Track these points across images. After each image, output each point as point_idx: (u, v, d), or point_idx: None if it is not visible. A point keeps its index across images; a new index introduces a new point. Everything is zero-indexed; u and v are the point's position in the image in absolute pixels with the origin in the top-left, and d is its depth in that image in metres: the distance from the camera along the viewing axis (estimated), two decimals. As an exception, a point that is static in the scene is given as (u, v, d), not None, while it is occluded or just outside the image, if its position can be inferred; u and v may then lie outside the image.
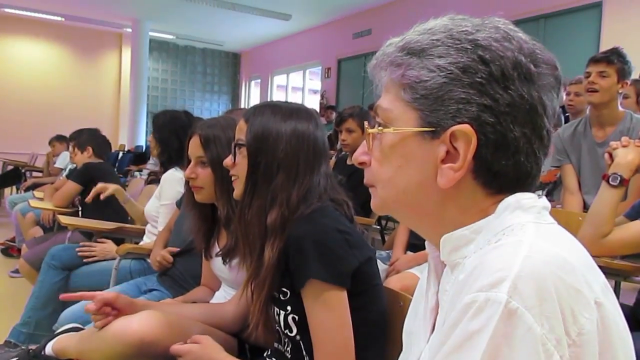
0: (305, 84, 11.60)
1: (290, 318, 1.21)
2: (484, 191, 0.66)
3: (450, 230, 0.67)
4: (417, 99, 0.66)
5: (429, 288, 0.75)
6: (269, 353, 1.34)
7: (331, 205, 1.24)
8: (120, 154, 8.50)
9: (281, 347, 1.28)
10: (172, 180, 2.60)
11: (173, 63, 12.93)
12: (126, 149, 9.84)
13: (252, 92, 13.54)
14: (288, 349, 1.25)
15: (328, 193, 1.26)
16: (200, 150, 1.66)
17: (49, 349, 1.48)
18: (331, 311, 1.13)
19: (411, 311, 0.84)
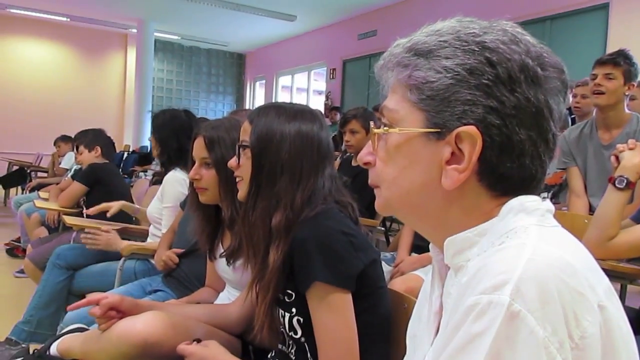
0: (310, 85, 11.60)
1: (295, 320, 1.20)
2: (489, 193, 0.66)
3: (454, 232, 0.67)
4: (424, 100, 0.66)
5: (433, 291, 0.75)
6: (273, 355, 1.33)
7: (336, 207, 1.23)
8: (125, 155, 8.53)
9: (285, 349, 1.27)
10: (174, 181, 2.59)
11: (178, 64, 12.97)
12: (131, 150, 9.87)
13: (257, 93, 13.55)
14: (292, 351, 1.25)
15: (333, 195, 1.26)
16: (204, 151, 1.67)
17: (54, 349, 1.48)
18: (336, 314, 1.13)
19: (415, 314, 0.84)
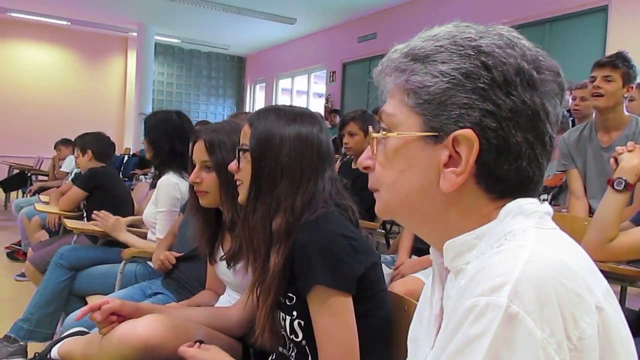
0: (310, 88, 11.61)
1: (296, 323, 1.21)
2: (487, 196, 0.66)
3: (453, 235, 0.67)
4: (421, 104, 0.66)
5: (434, 294, 0.76)
6: (274, 357, 1.33)
7: (336, 210, 1.24)
8: (125, 158, 8.53)
9: (286, 352, 1.28)
10: (167, 186, 2.60)
11: (178, 67, 12.98)
12: (131, 153, 9.86)
13: (257, 96, 13.56)
14: (293, 354, 1.25)
15: (333, 198, 1.26)
16: (205, 154, 1.66)
17: (55, 353, 1.48)
18: (336, 317, 1.14)
19: (416, 317, 0.84)
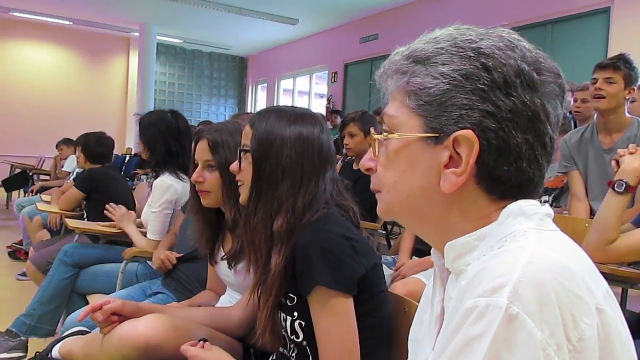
0: (312, 89, 11.61)
1: (297, 324, 1.21)
2: (488, 197, 0.67)
3: (454, 237, 0.67)
4: (422, 106, 0.67)
5: (435, 296, 0.76)
6: (275, 358, 1.34)
7: (338, 211, 1.24)
8: (127, 158, 8.53)
9: (287, 352, 1.28)
10: (160, 188, 2.62)
11: (180, 67, 13.00)
12: (133, 153, 9.87)
13: (259, 97, 13.57)
14: (294, 355, 1.25)
15: (335, 199, 1.26)
16: (208, 154, 1.66)
17: (56, 352, 1.49)
18: (337, 318, 1.14)
19: (417, 319, 0.84)
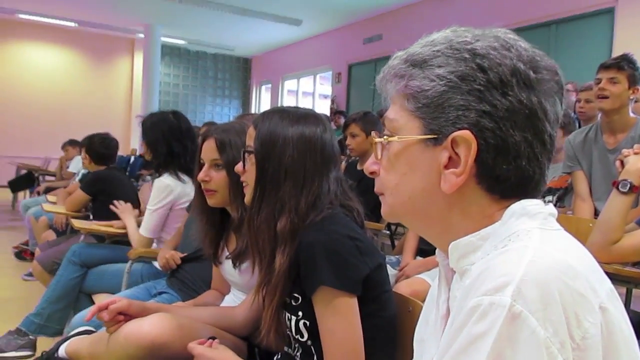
0: (315, 89, 11.62)
1: (301, 323, 1.21)
2: (489, 197, 0.67)
3: (457, 236, 0.68)
4: (420, 108, 0.68)
5: (440, 296, 0.76)
6: (279, 357, 1.34)
7: (342, 211, 1.24)
8: (132, 159, 8.55)
9: (291, 352, 1.28)
10: (157, 187, 2.66)
11: (184, 68, 13.02)
12: (138, 154, 9.90)
13: (263, 97, 13.58)
14: (298, 354, 1.25)
15: (339, 199, 1.27)
16: (215, 153, 1.65)
17: (62, 351, 1.50)
18: (342, 317, 1.14)
19: (422, 319, 0.85)
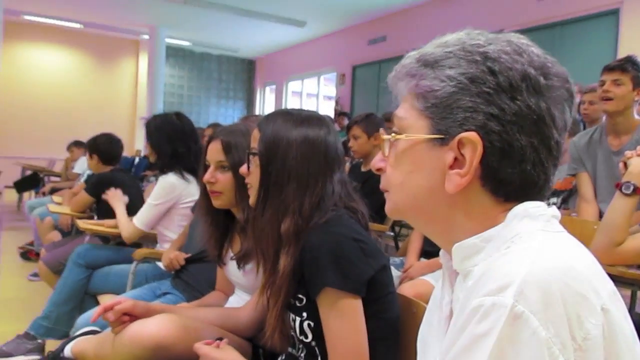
0: (319, 91, 11.62)
1: (305, 324, 1.22)
2: (493, 199, 0.68)
3: (461, 237, 0.68)
4: (429, 108, 0.69)
5: (443, 297, 0.77)
6: (283, 358, 1.35)
7: (346, 213, 1.24)
8: (136, 160, 8.58)
9: (295, 352, 1.29)
10: (163, 184, 2.69)
11: (189, 69, 13.03)
12: (142, 155, 9.92)
13: (267, 99, 13.59)
14: (302, 355, 1.26)
15: (343, 200, 1.27)
16: (221, 155, 1.66)
17: (68, 351, 1.51)
18: (346, 319, 1.14)
19: (425, 320, 0.85)
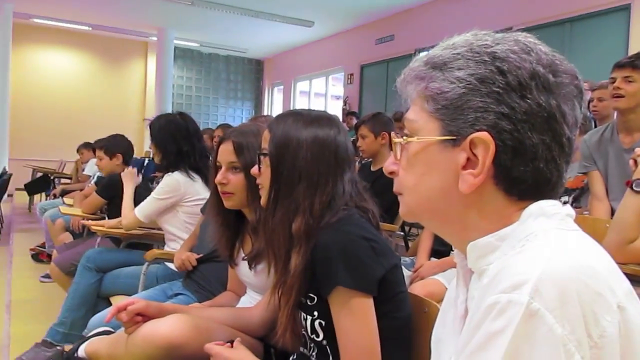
0: (327, 90, 11.62)
1: (317, 323, 1.22)
2: (506, 198, 0.68)
3: (475, 237, 0.68)
4: (439, 110, 0.69)
5: (458, 296, 0.77)
6: (295, 357, 1.35)
7: (357, 212, 1.25)
8: (145, 161, 8.61)
9: (307, 352, 1.29)
10: (168, 181, 2.70)
11: (197, 70, 13.08)
12: (151, 156, 9.97)
13: (275, 99, 13.61)
14: (314, 354, 1.26)
15: (354, 200, 1.27)
16: (233, 155, 1.66)
17: (82, 352, 1.52)
18: (357, 318, 1.15)
19: (440, 319, 0.85)
